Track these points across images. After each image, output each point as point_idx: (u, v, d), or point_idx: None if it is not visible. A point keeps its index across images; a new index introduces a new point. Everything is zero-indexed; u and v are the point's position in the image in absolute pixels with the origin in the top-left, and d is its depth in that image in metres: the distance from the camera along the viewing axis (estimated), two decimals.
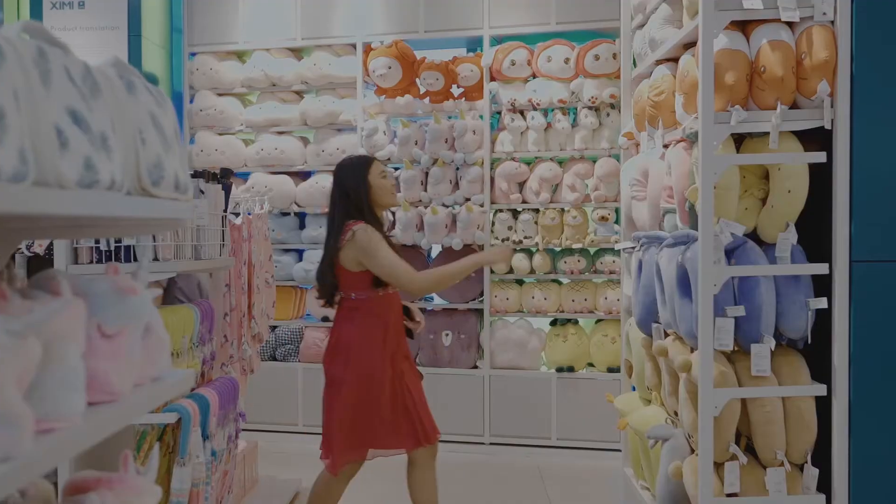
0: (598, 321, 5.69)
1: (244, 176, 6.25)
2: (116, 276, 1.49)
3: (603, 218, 5.51)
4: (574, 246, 5.54)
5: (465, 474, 5.11)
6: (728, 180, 2.89)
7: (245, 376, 4.91)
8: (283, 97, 6.21)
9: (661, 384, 3.52)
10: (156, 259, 3.10)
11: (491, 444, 5.66)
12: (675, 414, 3.32)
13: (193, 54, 6.26)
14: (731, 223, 2.88)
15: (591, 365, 5.68)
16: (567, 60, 5.52)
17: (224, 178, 3.69)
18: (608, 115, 5.54)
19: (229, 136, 6.21)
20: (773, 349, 2.87)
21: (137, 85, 1.65)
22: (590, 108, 5.53)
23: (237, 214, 4.91)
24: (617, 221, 5.59)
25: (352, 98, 5.98)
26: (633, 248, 3.75)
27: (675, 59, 3.51)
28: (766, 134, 2.91)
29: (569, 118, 5.54)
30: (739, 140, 3.03)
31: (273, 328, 6.12)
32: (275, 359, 6.10)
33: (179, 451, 3.10)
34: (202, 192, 3.43)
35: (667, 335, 3.38)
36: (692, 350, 3.12)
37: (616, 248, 5.46)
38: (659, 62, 3.63)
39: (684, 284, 3.05)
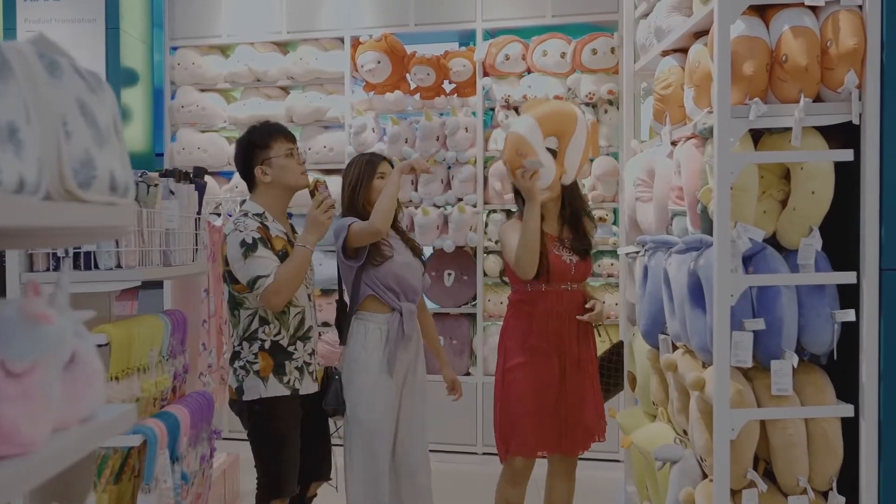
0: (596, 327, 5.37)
1: (228, 175, 6.04)
2: (26, 300, 1.19)
3: (601, 219, 5.35)
4: None
5: (458, 485, 4.88)
6: (746, 180, 2.60)
7: (224, 386, 4.63)
8: (268, 93, 6.01)
9: (668, 400, 3.24)
10: (119, 266, 2.80)
11: (484, 453, 5.49)
12: (685, 433, 3.03)
13: (175, 48, 6.04)
14: (750, 227, 2.60)
15: None
16: (563, 55, 5.35)
17: (197, 177, 3.39)
18: (606, 111, 5.35)
19: (212, 133, 6.02)
20: (795, 366, 2.59)
21: (63, 66, 1.34)
22: (587, 104, 5.38)
23: (219, 215, 4.63)
24: (615, 223, 5.40)
25: (339, 94, 5.79)
26: (638, 252, 3.47)
27: (683, 50, 3.22)
28: (788, 130, 2.62)
29: None
30: (756, 136, 2.74)
31: None
32: None
33: (144, 476, 2.81)
34: (172, 192, 3.13)
35: (675, 348, 3.09)
36: (704, 365, 2.84)
37: (613, 250, 5.28)
38: (665, 53, 3.35)
39: (696, 294, 2.77)
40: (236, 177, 5.79)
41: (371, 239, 3.23)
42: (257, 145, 3.08)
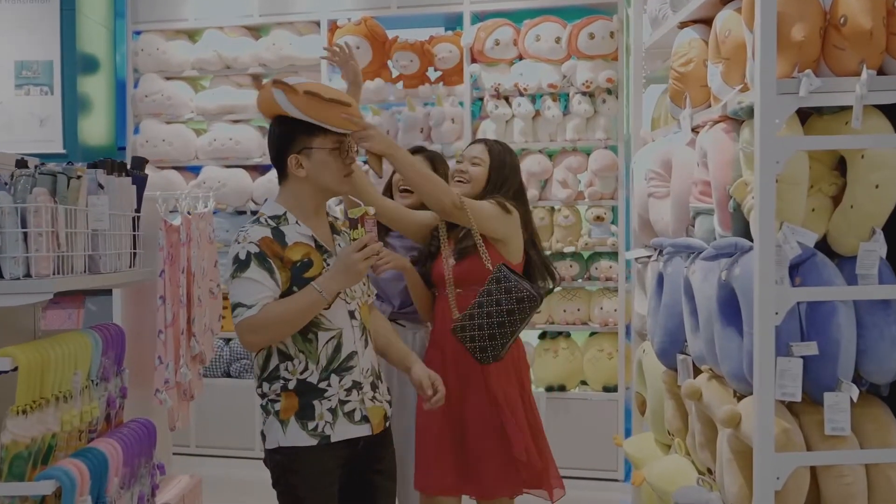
0: (593, 334, 5.01)
1: (195, 170, 5.52)
2: None
3: (598, 218, 4.84)
4: (566, 249, 4.87)
5: None
6: (795, 171, 2.08)
7: (186, 403, 4.08)
8: (239, 81, 5.49)
9: (687, 430, 2.71)
10: (28, 275, 2.24)
11: None
12: (709, 471, 2.51)
13: (138, 33, 5.50)
14: (799, 229, 2.07)
15: (584, 383, 5.00)
16: (558, 40, 4.86)
17: (136, 168, 2.84)
18: (604, 101, 4.85)
19: (178, 124, 5.48)
20: (854, 399, 2.06)
21: None
22: (583, 93, 4.86)
23: (192, 213, 4.07)
24: (614, 222, 4.92)
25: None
26: (650, 257, 2.94)
27: (705, 21, 2.70)
28: (843, 110, 2.11)
29: (560, 105, 4.90)
30: (801, 119, 2.21)
31: (227, 341, 5.33)
32: (229, 375, 5.32)
33: None
34: (101, 186, 2.58)
35: (697, 370, 2.57)
36: (737, 395, 2.31)
37: (612, 252, 4.83)
38: (683, 25, 2.82)
39: (729, 310, 2.24)
40: (204, 172, 5.32)
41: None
42: (304, 129, 2.36)
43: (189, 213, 3.96)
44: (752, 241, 2.20)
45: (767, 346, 2.06)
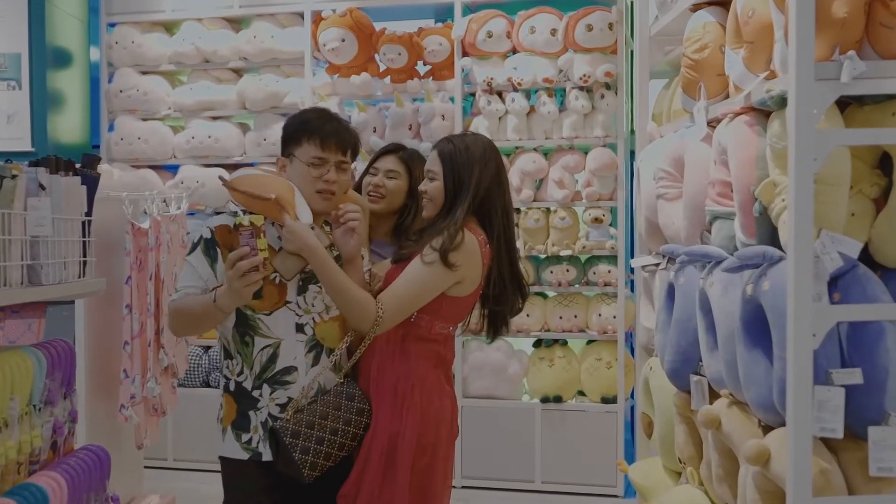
0: (590, 342, 4.80)
1: (172, 169, 5.26)
2: None
3: (596, 220, 4.62)
4: (562, 253, 4.66)
5: None
6: (835, 170, 1.77)
7: (155, 419, 3.78)
8: (219, 76, 5.25)
9: (700, 459, 2.41)
10: None
11: (463, 487, 4.77)
12: None
13: (112, 25, 5.24)
14: (840, 237, 1.76)
15: (581, 394, 4.80)
16: (554, 32, 4.67)
17: (87, 167, 2.51)
18: (603, 97, 4.64)
19: (155, 121, 5.25)
20: None
21: None
22: (581, 88, 4.65)
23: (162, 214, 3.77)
24: (613, 224, 4.69)
25: (299, 77, 5.11)
26: (658, 265, 2.63)
27: (721, 3, 2.41)
28: (891, 98, 1.80)
29: (556, 101, 4.69)
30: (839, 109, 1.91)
31: (206, 349, 5.06)
32: (208, 385, 5.04)
33: None
34: (43, 187, 2.26)
35: (714, 393, 2.26)
36: (762, 425, 2.00)
37: (611, 256, 4.59)
38: (696, 7, 2.52)
39: (755, 329, 1.94)
40: (182, 171, 5.08)
41: None
42: (291, 134, 2.35)
43: (159, 214, 3.67)
44: (781, 249, 1.90)
45: (803, 374, 1.75)
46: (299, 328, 2.27)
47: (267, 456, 2.26)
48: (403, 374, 2.26)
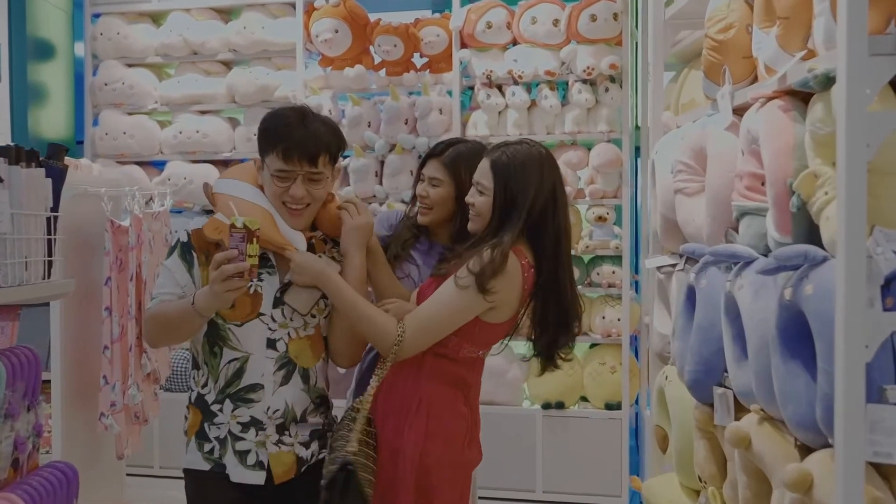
0: (594, 346, 4.66)
1: (159, 165, 5.07)
2: None
3: (600, 218, 4.49)
4: None
5: None
6: (891, 157, 1.55)
7: (137, 427, 3.55)
8: (207, 68, 5.09)
9: (723, 477, 2.18)
10: None
11: (480, 498, 4.47)
12: None
13: (97, 15, 5.07)
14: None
15: (584, 400, 4.65)
16: (556, 22, 4.54)
17: (52, 158, 2.28)
18: (607, 90, 4.49)
19: (141, 115, 5.07)
20: None
21: None
22: (584, 81, 4.50)
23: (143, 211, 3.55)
24: (617, 222, 4.52)
25: (290, 69, 4.95)
26: (675, 266, 2.41)
27: None
28: None
29: (558, 94, 4.56)
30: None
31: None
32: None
33: None
34: (0, 179, 2.03)
35: (740, 408, 2.04)
36: (799, 445, 1.78)
37: (615, 255, 4.42)
38: None
39: (794, 338, 1.71)
40: (169, 167, 4.90)
41: None
42: (259, 138, 2.20)
43: (140, 210, 3.44)
44: (823, 248, 1.68)
45: (854, 390, 1.52)
46: (271, 343, 2.15)
47: (237, 477, 2.18)
48: (412, 390, 2.14)
